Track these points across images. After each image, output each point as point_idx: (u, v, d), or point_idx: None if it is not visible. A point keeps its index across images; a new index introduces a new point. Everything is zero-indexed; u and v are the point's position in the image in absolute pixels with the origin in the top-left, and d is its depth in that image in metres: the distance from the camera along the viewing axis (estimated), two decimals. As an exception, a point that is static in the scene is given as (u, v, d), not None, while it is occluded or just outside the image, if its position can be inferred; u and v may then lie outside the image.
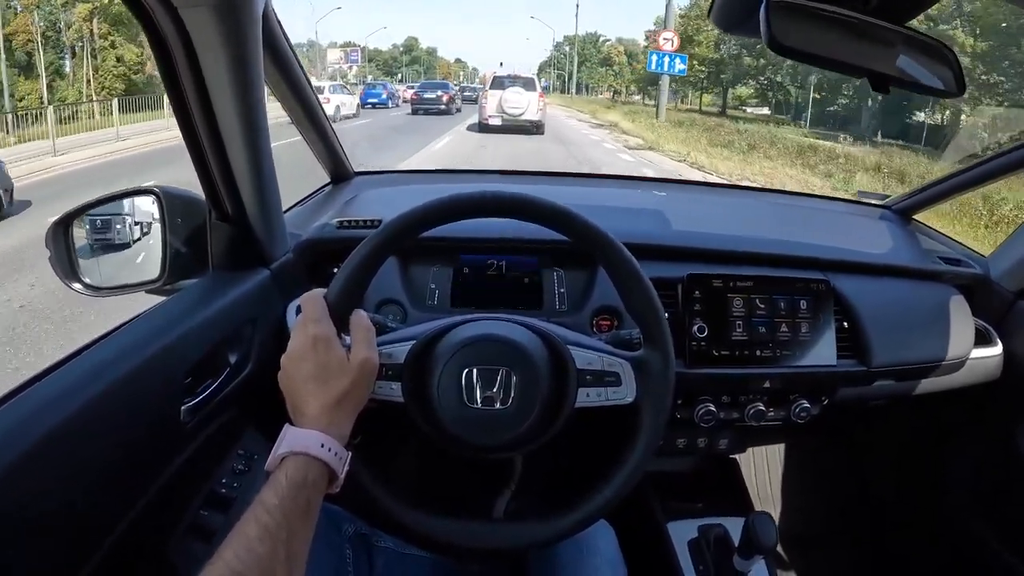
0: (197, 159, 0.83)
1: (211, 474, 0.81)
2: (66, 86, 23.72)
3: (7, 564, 0.53)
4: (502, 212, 0.71)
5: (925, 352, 1.10)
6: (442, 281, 1.08)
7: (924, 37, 0.73)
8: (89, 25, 23.72)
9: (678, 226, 1.20)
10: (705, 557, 1.09)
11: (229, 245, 0.90)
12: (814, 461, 1.65)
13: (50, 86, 23.10)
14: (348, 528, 0.85)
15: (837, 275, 1.10)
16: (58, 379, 0.63)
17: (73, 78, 24.25)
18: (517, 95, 14.82)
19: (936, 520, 1.42)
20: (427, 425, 0.71)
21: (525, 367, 0.70)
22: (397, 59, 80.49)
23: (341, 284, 0.68)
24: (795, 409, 1.06)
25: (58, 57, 24.04)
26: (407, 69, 79.22)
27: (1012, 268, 1.22)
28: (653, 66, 19.60)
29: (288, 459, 0.59)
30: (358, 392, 0.65)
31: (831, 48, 0.69)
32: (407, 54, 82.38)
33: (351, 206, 1.25)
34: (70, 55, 24.08)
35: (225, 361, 0.87)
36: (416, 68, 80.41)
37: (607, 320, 1.05)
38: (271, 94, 1.04)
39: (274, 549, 0.52)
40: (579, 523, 0.71)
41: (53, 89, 23.17)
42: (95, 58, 23.92)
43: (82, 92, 22.59)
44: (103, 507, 0.64)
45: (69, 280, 0.92)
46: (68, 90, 23.29)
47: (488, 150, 12.05)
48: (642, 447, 0.71)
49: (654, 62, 19.38)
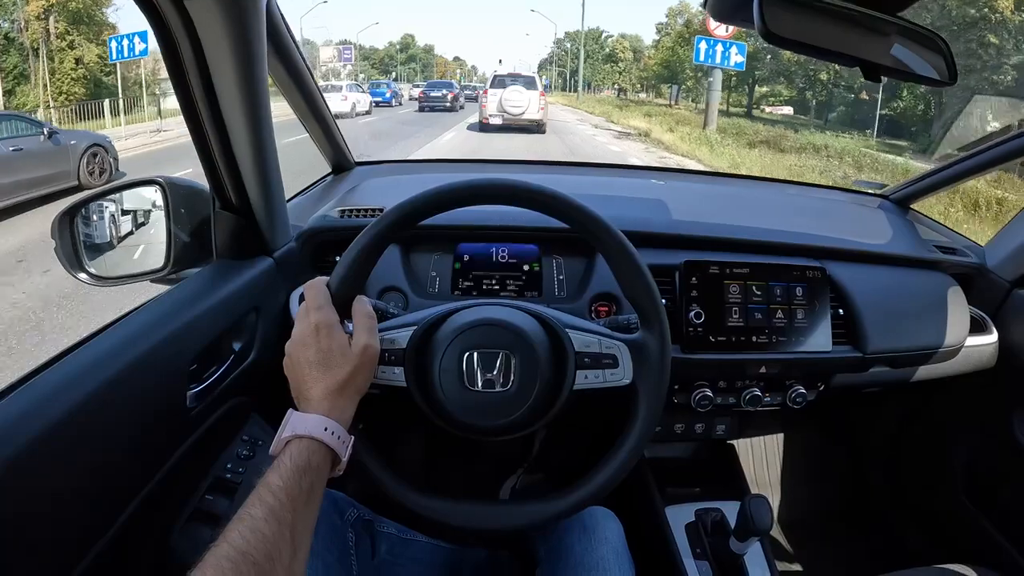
0: (202, 149, 0.84)
1: (216, 460, 0.82)
2: (27, 91, 21.21)
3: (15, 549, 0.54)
4: (500, 199, 0.72)
5: (920, 340, 1.11)
6: (443, 268, 1.10)
7: (917, 27, 0.74)
8: (44, 24, 21.00)
9: (676, 214, 1.21)
10: (702, 540, 1.10)
11: (233, 234, 0.91)
12: (810, 448, 1.67)
13: (11, 92, 20.76)
14: (351, 513, 0.85)
15: (833, 263, 1.11)
16: (65, 366, 0.64)
17: (34, 82, 21.70)
18: (518, 94, 14.58)
19: (931, 505, 1.43)
20: (429, 408, 0.72)
21: (524, 350, 0.71)
22: (393, 57, 78.96)
23: (343, 272, 0.69)
24: (791, 395, 1.07)
25: (22, 60, 21.37)
26: (403, 68, 77.54)
27: (1008, 257, 1.22)
28: (702, 56, 14.52)
29: (292, 442, 0.60)
30: (360, 377, 0.67)
31: (824, 37, 0.70)
32: (403, 52, 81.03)
33: (352, 195, 1.26)
34: (33, 56, 21.30)
35: (230, 348, 0.88)
36: (412, 67, 78.73)
37: (605, 306, 1.07)
38: (273, 85, 1.05)
39: (279, 530, 0.52)
40: (578, 503, 0.72)
41: (15, 95, 20.83)
42: (52, 60, 21.27)
43: (39, 97, 20.53)
44: (110, 491, 0.65)
45: (75, 270, 0.93)
46: (28, 95, 20.94)
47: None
48: (639, 429, 0.73)
49: (703, 52, 14.43)
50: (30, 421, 0.56)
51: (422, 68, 79.96)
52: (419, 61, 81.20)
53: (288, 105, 1.24)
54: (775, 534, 1.52)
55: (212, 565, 0.48)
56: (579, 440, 1.51)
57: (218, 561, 0.48)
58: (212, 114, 0.80)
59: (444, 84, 26.85)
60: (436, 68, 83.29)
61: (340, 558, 0.79)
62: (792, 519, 1.57)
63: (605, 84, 54.01)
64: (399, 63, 78.71)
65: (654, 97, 38.90)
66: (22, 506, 0.55)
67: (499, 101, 14.57)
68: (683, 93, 32.94)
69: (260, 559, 0.50)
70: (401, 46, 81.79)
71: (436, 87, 25.17)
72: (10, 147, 6.03)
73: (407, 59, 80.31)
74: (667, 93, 35.67)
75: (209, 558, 0.48)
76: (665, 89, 36.94)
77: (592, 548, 0.82)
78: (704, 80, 26.03)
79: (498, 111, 14.56)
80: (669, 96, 34.72)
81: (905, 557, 1.46)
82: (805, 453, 1.66)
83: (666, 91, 36.46)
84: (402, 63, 79.22)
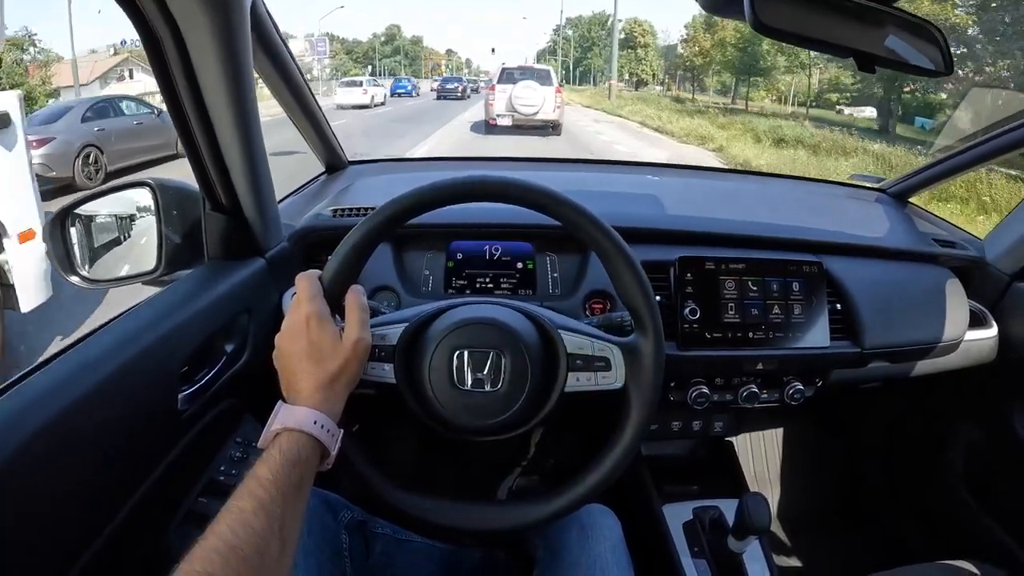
0: (190, 149, 0.84)
1: (209, 462, 0.81)
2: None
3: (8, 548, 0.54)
4: (492, 197, 0.71)
5: (919, 334, 1.10)
6: (436, 267, 1.09)
7: (912, 16, 0.73)
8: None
9: (670, 209, 1.20)
10: (700, 538, 1.09)
11: (224, 235, 0.91)
12: (809, 444, 1.66)
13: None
14: (345, 515, 0.85)
15: (830, 257, 1.10)
16: (55, 370, 0.63)
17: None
18: (531, 91, 12.01)
19: (930, 501, 1.43)
20: (419, 407, 0.72)
21: (515, 350, 0.70)
22: (377, 50, 76.24)
23: (335, 267, 0.69)
24: (789, 391, 1.06)
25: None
26: (388, 60, 74.85)
27: (1007, 251, 1.22)
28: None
29: (281, 435, 0.59)
30: (351, 371, 0.66)
31: (817, 28, 0.69)
32: (388, 44, 78.54)
33: (345, 195, 1.26)
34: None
35: (221, 350, 0.88)
36: (397, 60, 76.30)
37: (600, 303, 1.06)
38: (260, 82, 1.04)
39: (269, 524, 0.52)
40: (569, 505, 0.72)
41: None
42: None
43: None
44: (103, 495, 0.65)
45: (67, 273, 0.93)
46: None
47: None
48: (630, 432, 0.72)
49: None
50: (21, 425, 0.56)
51: (410, 62, 77.75)
52: (408, 55, 78.64)
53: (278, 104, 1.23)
54: (773, 530, 1.52)
55: (200, 559, 0.47)
56: (575, 441, 1.51)
57: (206, 555, 0.47)
58: (199, 113, 0.79)
59: (455, 79, 34.70)
60: (424, 61, 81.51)
61: (334, 559, 0.78)
62: (791, 515, 1.56)
63: (606, 74, 49.77)
64: (383, 56, 75.77)
65: (695, 93, 32.08)
66: (12, 510, 0.54)
67: (508, 99, 12.08)
68: (746, 86, 26.53)
69: (249, 553, 0.49)
70: (386, 37, 79.49)
71: (449, 81, 32.04)
72: (135, 121, 8.47)
73: (392, 51, 77.81)
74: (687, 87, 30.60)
75: (197, 551, 0.48)
76: (709, 83, 31.60)
77: (589, 546, 0.82)
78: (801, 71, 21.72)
79: (507, 110, 12.15)
80: (731, 92, 28.38)
81: (904, 552, 1.45)
82: (803, 449, 1.65)
83: (686, 82, 31.47)
84: (387, 56, 76.36)
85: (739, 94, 27.89)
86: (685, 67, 34.84)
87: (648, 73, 41.82)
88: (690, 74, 34.74)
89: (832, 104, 22.25)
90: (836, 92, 22.22)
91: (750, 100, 26.58)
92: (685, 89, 35.46)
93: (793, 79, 24.27)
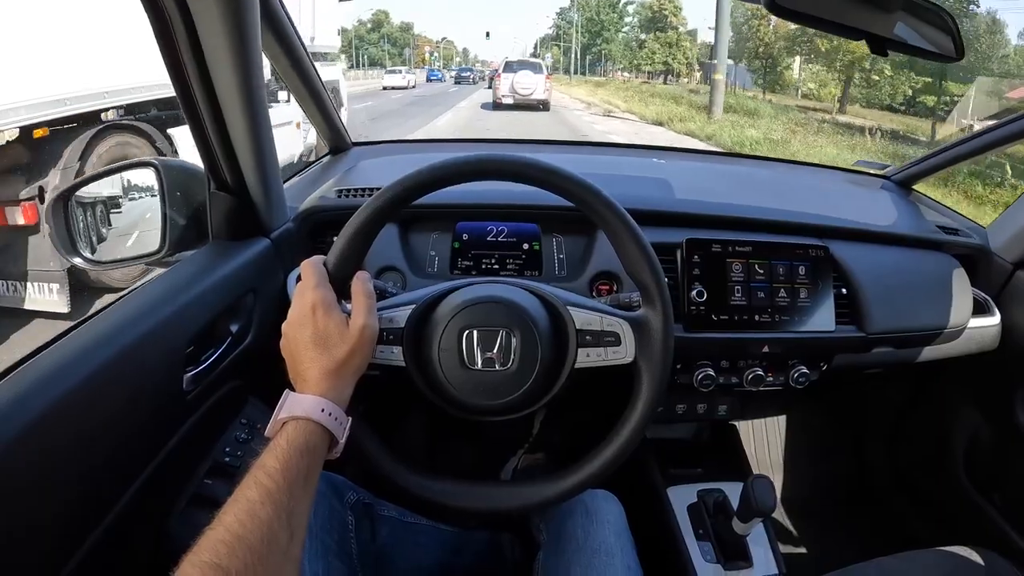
0: (196, 129, 0.83)
1: (214, 443, 0.81)
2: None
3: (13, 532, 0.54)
4: (500, 175, 0.71)
5: (923, 320, 1.10)
6: (442, 248, 1.09)
7: (923, 2, 0.73)
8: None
9: (678, 192, 1.20)
10: (704, 521, 1.10)
11: (229, 215, 0.90)
12: (812, 428, 1.67)
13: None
14: (351, 497, 0.85)
15: (836, 242, 1.10)
16: (60, 351, 0.63)
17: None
18: (528, 78, 17.88)
19: (932, 487, 1.44)
20: (429, 389, 0.72)
21: (524, 328, 0.70)
22: (364, 38, 73.36)
23: (340, 250, 0.68)
24: (793, 375, 1.06)
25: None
26: (374, 49, 72.17)
27: (1011, 239, 1.22)
28: None
29: (289, 424, 0.59)
30: (358, 358, 0.66)
31: (830, 10, 0.69)
32: (375, 31, 75.96)
33: (349, 175, 1.25)
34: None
35: (227, 330, 0.87)
36: (384, 48, 73.72)
37: (607, 284, 1.06)
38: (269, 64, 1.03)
39: (276, 513, 0.51)
40: (580, 484, 0.72)
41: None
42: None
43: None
44: (107, 476, 0.64)
45: (70, 255, 0.92)
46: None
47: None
48: (641, 407, 0.72)
49: None
50: (26, 405, 0.55)
51: (400, 51, 75.48)
52: (394, 41, 75.66)
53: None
54: (777, 515, 1.53)
55: (207, 549, 0.47)
56: (579, 420, 1.51)
57: (213, 545, 0.47)
58: (206, 93, 0.79)
59: (468, 69, 46.44)
60: (416, 50, 79.84)
61: (339, 541, 0.78)
62: (794, 500, 1.57)
63: (620, 64, 44.03)
64: (371, 44, 72.85)
65: (766, 91, 23.04)
66: (19, 490, 0.54)
67: (511, 84, 17.81)
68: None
69: (256, 543, 0.49)
70: (373, 24, 76.91)
71: (464, 71, 44.29)
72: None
73: (379, 39, 75.22)
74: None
75: (204, 542, 0.48)
76: (789, 78, 22.59)
77: (594, 530, 0.82)
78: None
79: (510, 92, 17.77)
80: (841, 99, 19.77)
81: (906, 538, 1.46)
82: (807, 434, 1.66)
83: (788, 80, 22.44)
84: (373, 44, 73.61)
85: (848, 98, 19.94)
86: (756, 54, 24.62)
87: (682, 62, 34.47)
88: (767, 62, 24.15)
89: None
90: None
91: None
92: (744, 86, 25.11)
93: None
